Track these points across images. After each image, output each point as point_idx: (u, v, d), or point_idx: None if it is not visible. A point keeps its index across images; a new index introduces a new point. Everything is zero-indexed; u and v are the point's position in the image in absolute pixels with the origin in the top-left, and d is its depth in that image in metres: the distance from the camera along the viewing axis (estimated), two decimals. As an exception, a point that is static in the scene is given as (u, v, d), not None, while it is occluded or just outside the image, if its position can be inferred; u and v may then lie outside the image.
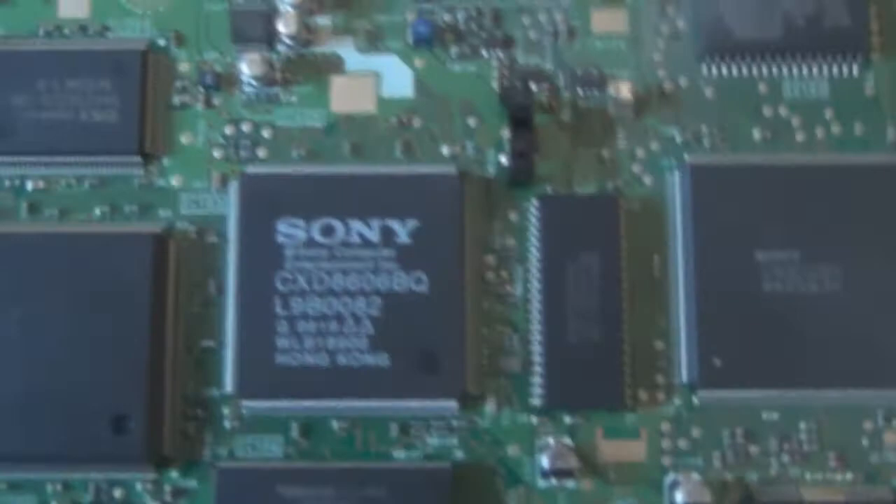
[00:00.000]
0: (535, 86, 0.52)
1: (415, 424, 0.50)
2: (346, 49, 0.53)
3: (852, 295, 0.49)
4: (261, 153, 0.52)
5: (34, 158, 0.52)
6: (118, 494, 0.50)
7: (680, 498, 0.48)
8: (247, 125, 0.52)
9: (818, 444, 0.50)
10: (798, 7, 0.52)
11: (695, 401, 0.50)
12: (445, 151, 0.52)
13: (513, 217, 0.52)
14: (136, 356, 0.49)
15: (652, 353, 0.50)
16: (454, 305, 0.50)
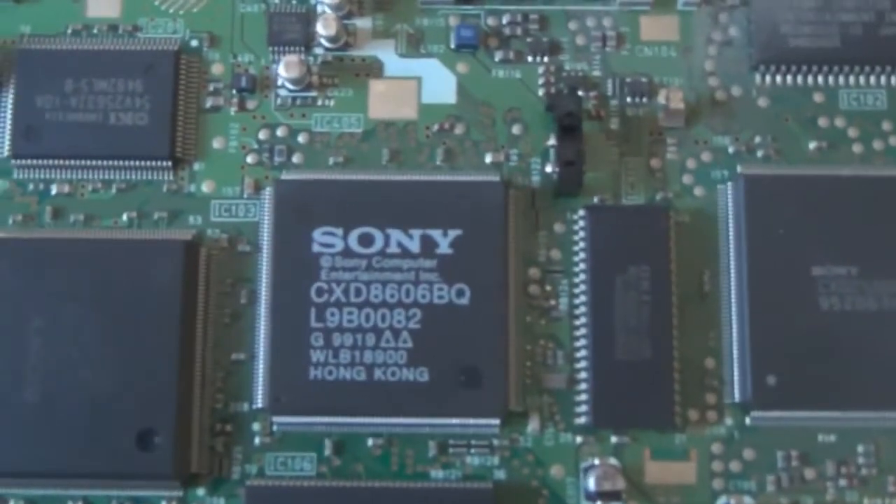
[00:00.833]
0: (582, 93, 0.50)
1: (454, 443, 0.48)
2: (387, 53, 0.51)
3: (911, 313, 0.48)
4: (296, 159, 0.50)
5: (60, 162, 0.50)
6: (142, 512, 0.48)
7: (735, 524, 0.46)
8: (282, 130, 0.51)
9: (877, 468, 0.48)
10: (856, 16, 0.50)
11: (747, 421, 0.48)
12: (488, 160, 0.50)
13: (558, 228, 0.50)
14: (164, 368, 0.47)
15: (702, 372, 0.48)
16: (497, 319, 0.48)
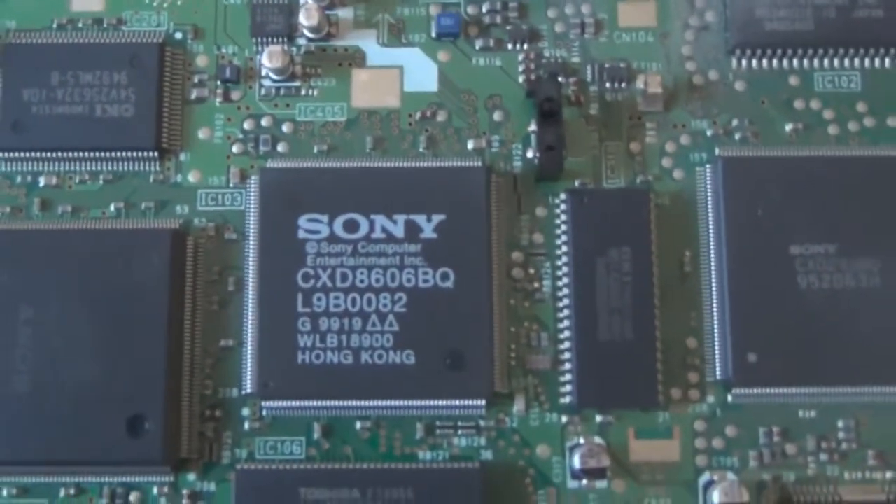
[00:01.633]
0: (562, 80, 0.51)
1: (441, 424, 0.49)
2: (369, 43, 0.52)
3: (888, 288, 0.48)
4: (280, 148, 0.51)
5: (47, 154, 0.50)
6: (133, 498, 0.48)
7: (717, 498, 0.47)
8: (266, 120, 0.51)
9: (857, 443, 0.49)
10: (830, -1, 0.52)
11: (729, 399, 0.49)
12: (471, 146, 0.51)
13: (540, 212, 0.50)
14: (153, 356, 0.48)
15: (684, 351, 0.49)
16: (481, 302, 0.48)
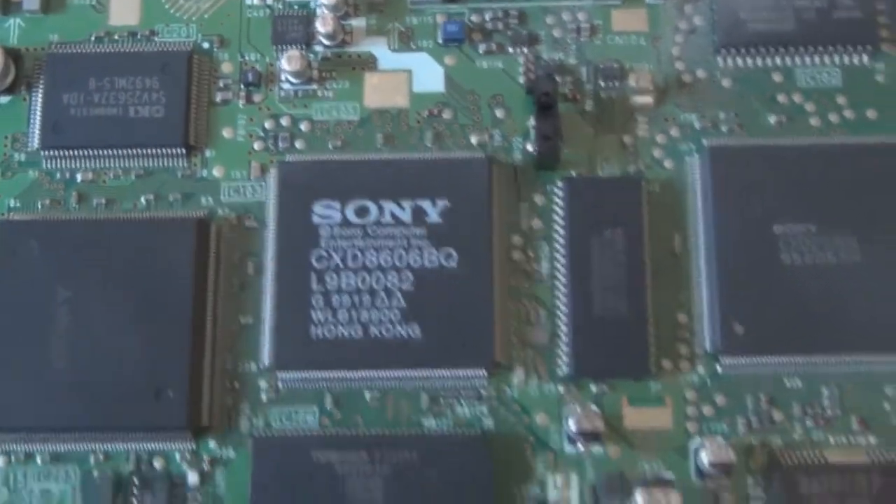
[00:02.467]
0: (559, 79, 0.55)
1: (445, 394, 0.52)
2: (380, 48, 0.56)
3: (868, 264, 0.51)
4: (298, 145, 0.55)
5: (84, 152, 0.55)
6: (158, 465, 0.51)
7: (705, 458, 0.50)
8: (285, 119, 0.55)
9: (840, 409, 0.51)
10: (809, 2, 0.55)
11: (718, 368, 0.52)
12: (474, 140, 0.55)
13: (538, 199, 0.54)
14: (178, 333, 0.51)
15: (675, 326, 0.52)
16: (483, 279, 0.52)
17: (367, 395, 0.52)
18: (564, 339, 0.52)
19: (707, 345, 0.51)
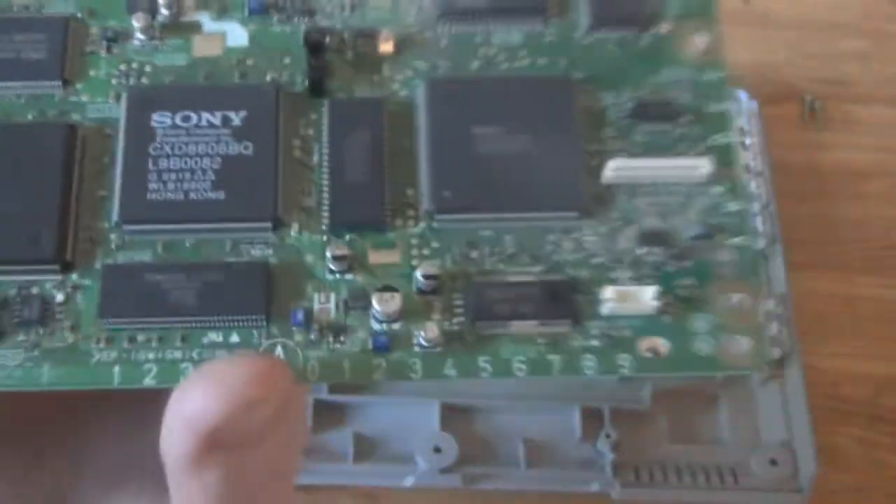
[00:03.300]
0: (329, 38, 0.78)
1: (242, 241, 0.72)
2: (204, 17, 0.78)
3: (537, 152, 0.73)
4: (143, 80, 0.77)
5: (-12, 85, 0.76)
6: (34, 290, 0.71)
7: (420, 273, 0.71)
8: (135, 64, 0.77)
9: (517, 249, 0.72)
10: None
11: (434, 224, 0.73)
12: (268, 77, 0.76)
13: (312, 116, 0.75)
14: (51, 199, 0.72)
15: (404, 195, 0.73)
16: (270, 163, 0.72)
17: (187, 242, 0.72)
18: (326, 205, 0.73)
19: (426, 206, 0.73)
